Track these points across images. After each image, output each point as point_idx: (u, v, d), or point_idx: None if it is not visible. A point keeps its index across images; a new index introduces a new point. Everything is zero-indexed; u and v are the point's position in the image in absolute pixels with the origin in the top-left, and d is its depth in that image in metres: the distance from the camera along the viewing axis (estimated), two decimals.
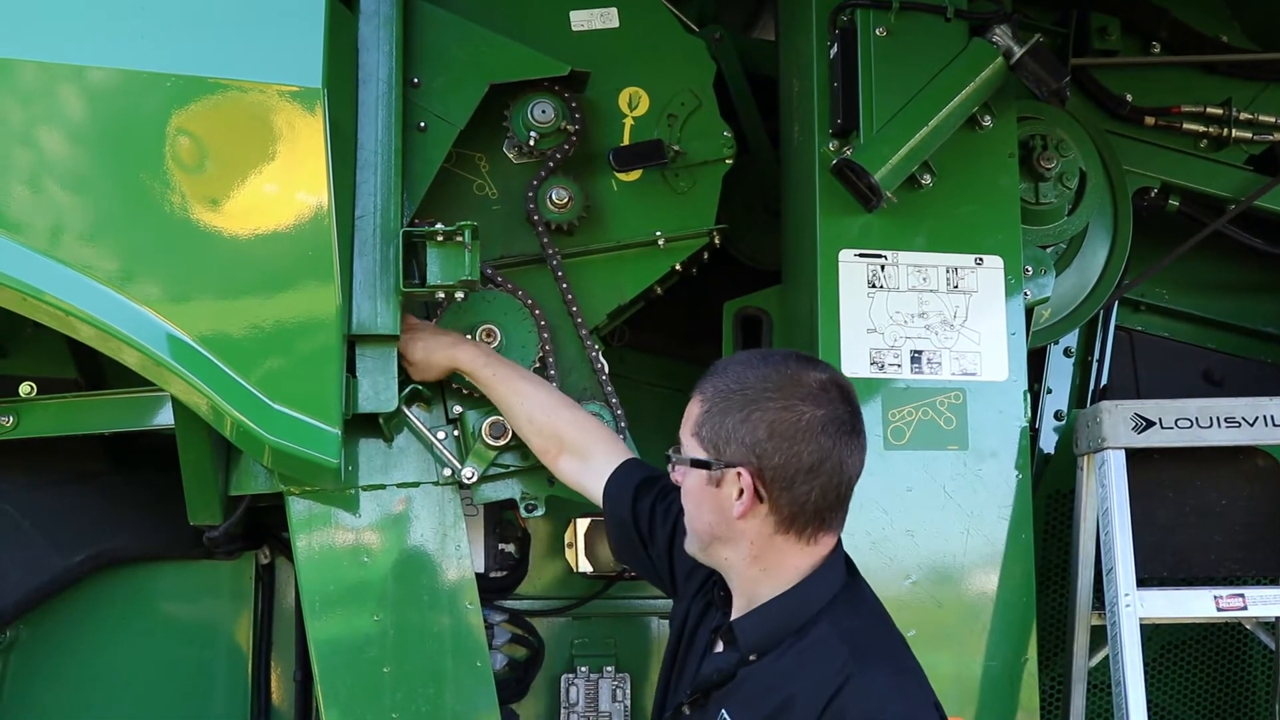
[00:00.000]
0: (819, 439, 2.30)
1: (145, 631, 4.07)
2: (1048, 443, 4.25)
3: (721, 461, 2.34)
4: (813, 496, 2.32)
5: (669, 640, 2.71)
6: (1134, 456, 3.52)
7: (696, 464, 2.39)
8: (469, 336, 3.41)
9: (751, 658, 2.38)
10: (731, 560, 2.42)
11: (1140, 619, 3.41)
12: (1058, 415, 4.31)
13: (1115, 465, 3.50)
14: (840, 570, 2.44)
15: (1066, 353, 4.37)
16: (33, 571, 3.76)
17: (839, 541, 2.45)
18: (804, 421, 2.30)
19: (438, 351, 3.27)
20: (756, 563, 2.39)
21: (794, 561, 2.38)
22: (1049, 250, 3.84)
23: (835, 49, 3.42)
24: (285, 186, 3.02)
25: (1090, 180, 3.90)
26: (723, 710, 2.38)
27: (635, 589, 4.34)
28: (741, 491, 2.32)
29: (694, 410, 2.44)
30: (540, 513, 3.49)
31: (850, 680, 2.21)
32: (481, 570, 3.92)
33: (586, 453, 3.13)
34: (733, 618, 2.47)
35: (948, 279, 3.43)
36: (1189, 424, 3.51)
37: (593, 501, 3.09)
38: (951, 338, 3.42)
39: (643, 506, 2.90)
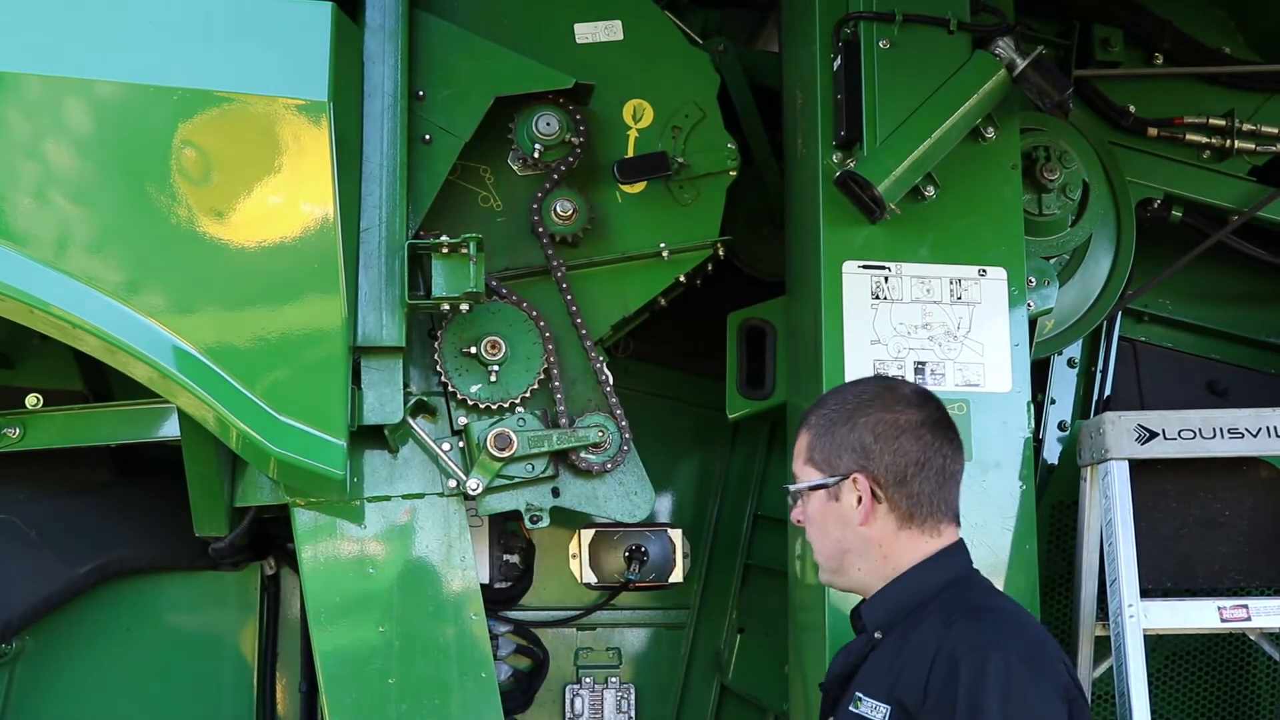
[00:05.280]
0: (921, 434, 2.46)
1: (151, 642, 4.08)
2: (1051, 453, 4.25)
3: (837, 475, 2.47)
4: (926, 489, 2.46)
5: None
6: (1138, 467, 3.52)
7: (815, 487, 2.50)
8: (474, 348, 3.42)
9: (877, 635, 2.47)
10: (865, 570, 2.51)
11: (1144, 630, 3.41)
12: (1061, 426, 4.30)
13: (1119, 476, 3.49)
14: (962, 558, 2.53)
15: (1070, 363, 4.37)
16: (39, 582, 3.76)
17: (960, 539, 2.54)
18: (903, 421, 2.47)
19: None
20: (888, 563, 2.48)
21: (921, 554, 2.48)
22: (1052, 261, 3.84)
23: (839, 61, 3.43)
24: (291, 199, 3.03)
25: (1093, 191, 3.90)
26: (856, 693, 2.44)
27: (640, 600, 4.35)
28: (859, 497, 2.45)
29: (802, 442, 2.56)
30: (545, 524, 3.50)
31: (954, 625, 2.29)
32: (486, 581, 3.92)
33: None
34: None
35: (951, 290, 3.43)
36: (1192, 435, 3.51)
37: None
38: (955, 349, 3.42)
39: None
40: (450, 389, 3.44)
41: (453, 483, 3.42)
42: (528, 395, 3.48)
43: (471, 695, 3.38)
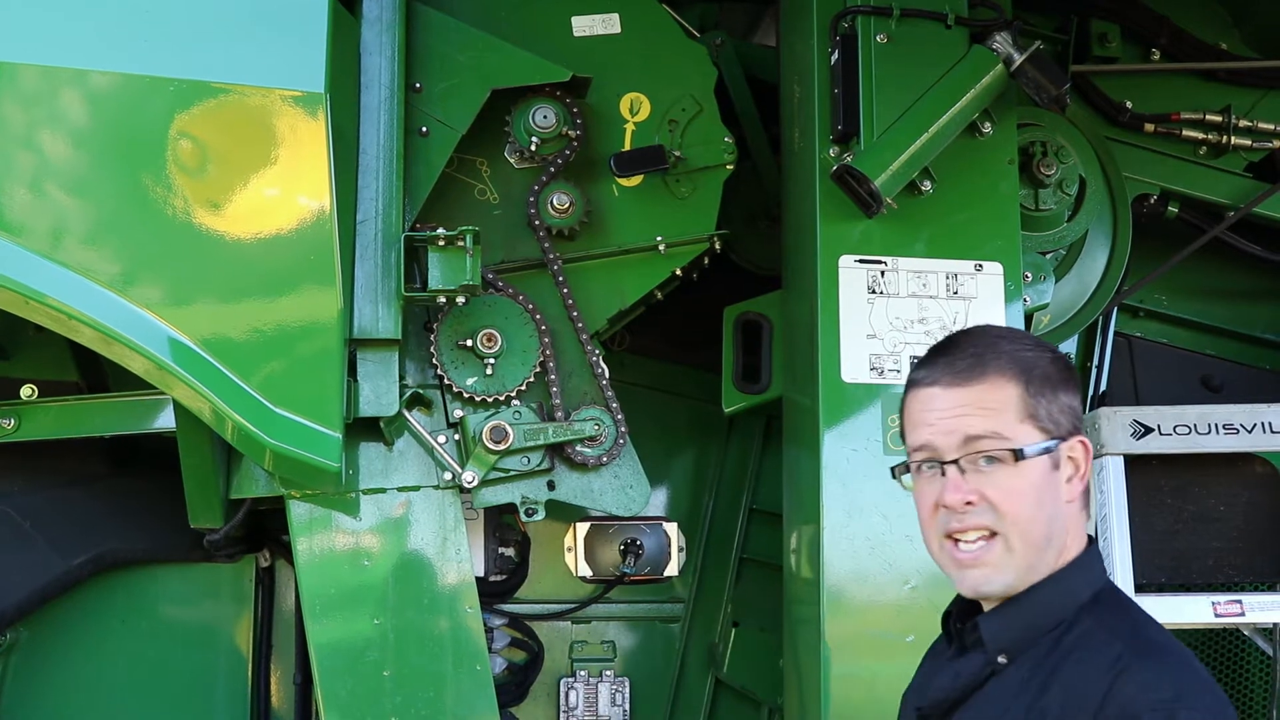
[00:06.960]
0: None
1: (146, 634, 4.08)
2: None
3: (1058, 437, 1.99)
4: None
5: None
6: (1133, 462, 3.53)
7: (1043, 451, 1.99)
8: (470, 341, 3.42)
9: (1001, 660, 1.99)
10: (1037, 567, 2.00)
11: None
12: None
13: (1114, 471, 3.50)
14: (1101, 562, 2.08)
15: None
16: (34, 574, 3.76)
17: (1091, 535, 2.11)
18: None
19: None
20: (1059, 558, 2.01)
21: (1076, 543, 2.04)
22: (1048, 256, 3.85)
23: (836, 55, 3.43)
24: (287, 191, 3.03)
25: (1090, 187, 3.91)
26: None
27: (635, 593, 4.35)
28: (1078, 467, 2.01)
29: (1010, 394, 2.00)
30: (540, 517, 3.50)
31: (1127, 673, 1.84)
32: (481, 574, 3.93)
33: None
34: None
35: (947, 285, 3.43)
36: (1187, 430, 3.52)
37: None
38: None
39: None
40: (446, 382, 3.44)
41: (448, 475, 3.42)
42: (523, 388, 3.48)
43: (466, 688, 3.38)
